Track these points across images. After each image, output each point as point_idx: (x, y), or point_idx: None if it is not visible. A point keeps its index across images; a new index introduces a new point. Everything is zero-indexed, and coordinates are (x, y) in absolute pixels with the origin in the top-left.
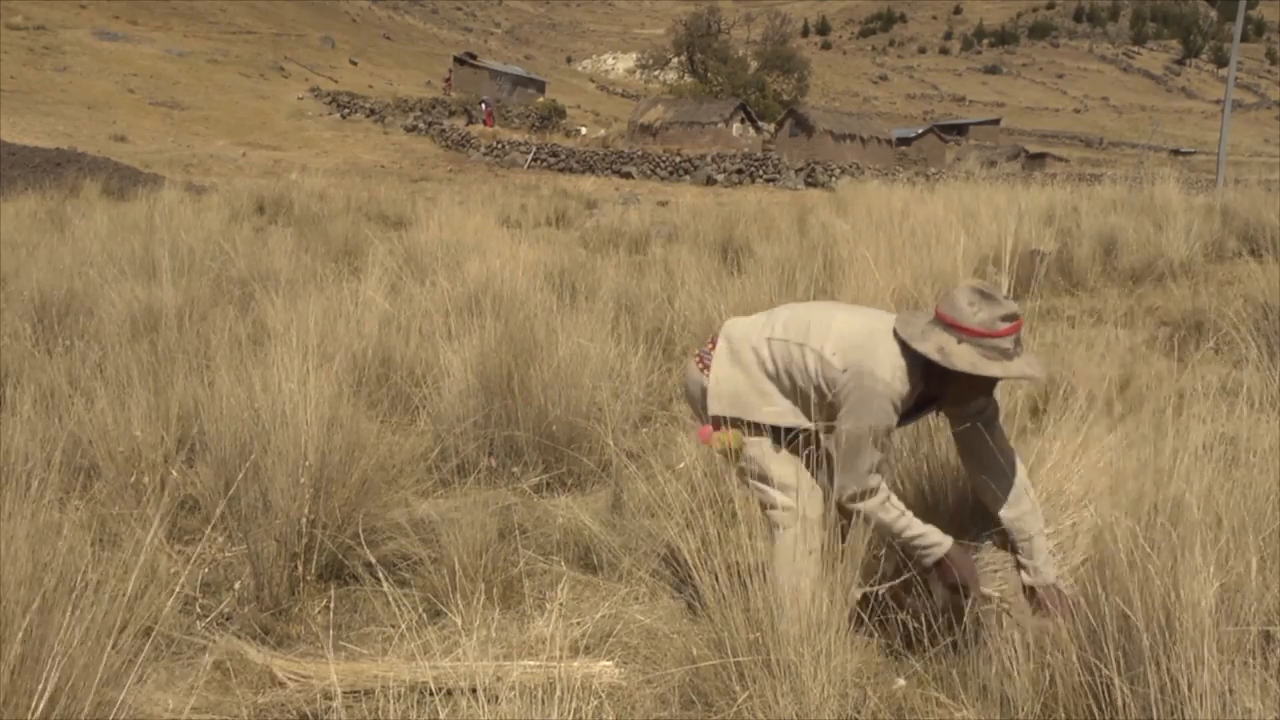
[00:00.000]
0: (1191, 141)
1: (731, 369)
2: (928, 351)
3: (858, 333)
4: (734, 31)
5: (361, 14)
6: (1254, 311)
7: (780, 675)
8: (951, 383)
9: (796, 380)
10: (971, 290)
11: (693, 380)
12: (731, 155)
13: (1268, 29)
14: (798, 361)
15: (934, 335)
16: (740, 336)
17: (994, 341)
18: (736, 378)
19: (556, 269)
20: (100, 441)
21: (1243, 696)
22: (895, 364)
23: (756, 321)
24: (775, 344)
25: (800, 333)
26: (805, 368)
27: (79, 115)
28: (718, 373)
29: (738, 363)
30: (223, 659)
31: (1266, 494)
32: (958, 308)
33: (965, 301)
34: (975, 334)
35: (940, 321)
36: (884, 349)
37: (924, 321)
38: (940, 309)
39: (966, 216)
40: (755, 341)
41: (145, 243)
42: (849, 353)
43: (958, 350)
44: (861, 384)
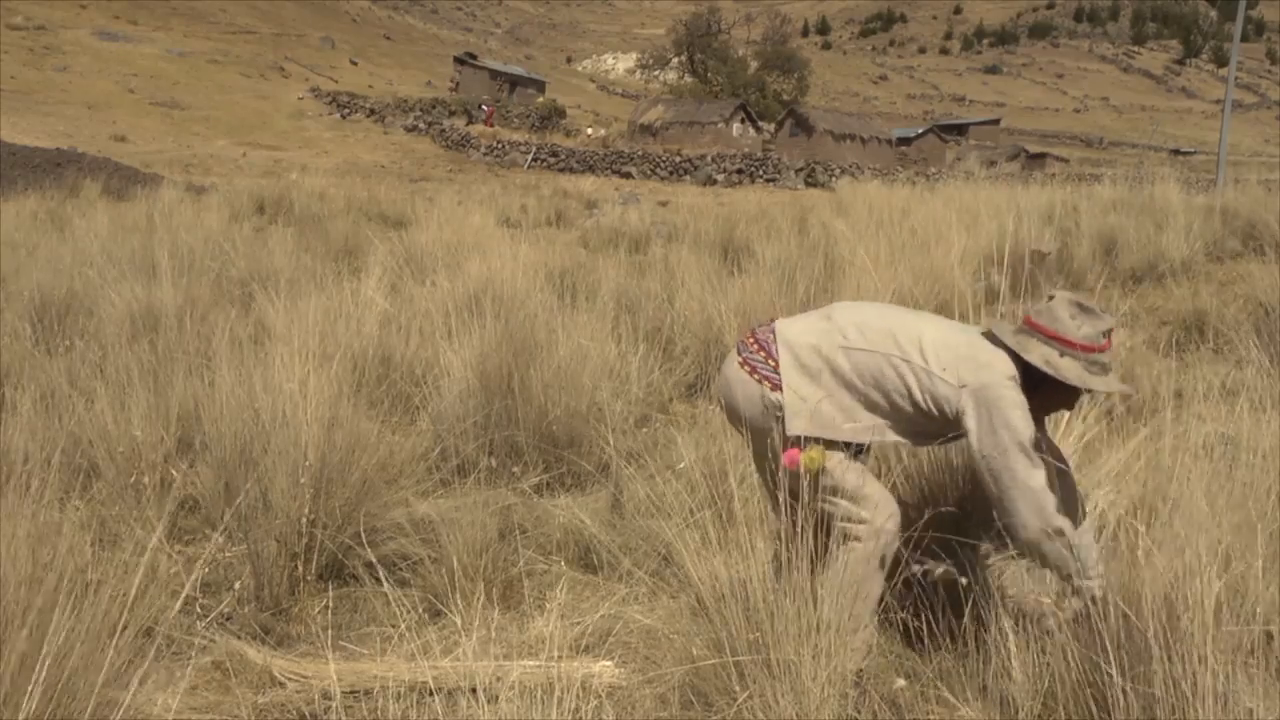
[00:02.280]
0: (1191, 141)
1: (807, 385)
2: (1035, 361)
3: (959, 344)
4: (734, 31)
5: (362, 14)
6: (1254, 311)
7: (780, 675)
8: (1041, 394)
9: (891, 395)
10: (1071, 303)
11: (741, 389)
12: (731, 155)
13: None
14: (891, 377)
15: (1033, 346)
16: (807, 346)
17: (1096, 356)
18: (814, 394)
19: (557, 269)
20: (100, 441)
21: (1244, 696)
22: (1011, 372)
23: (816, 327)
24: (856, 355)
25: (886, 344)
26: (903, 383)
27: (79, 115)
28: (794, 390)
29: (811, 376)
30: (222, 659)
31: (1267, 493)
32: (1060, 320)
33: (1067, 314)
34: (1079, 348)
35: (1037, 333)
36: (995, 359)
37: (1013, 331)
38: (1037, 320)
39: (966, 216)
40: (827, 351)
41: (145, 243)
42: (960, 367)
43: (1062, 363)
44: (996, 396)
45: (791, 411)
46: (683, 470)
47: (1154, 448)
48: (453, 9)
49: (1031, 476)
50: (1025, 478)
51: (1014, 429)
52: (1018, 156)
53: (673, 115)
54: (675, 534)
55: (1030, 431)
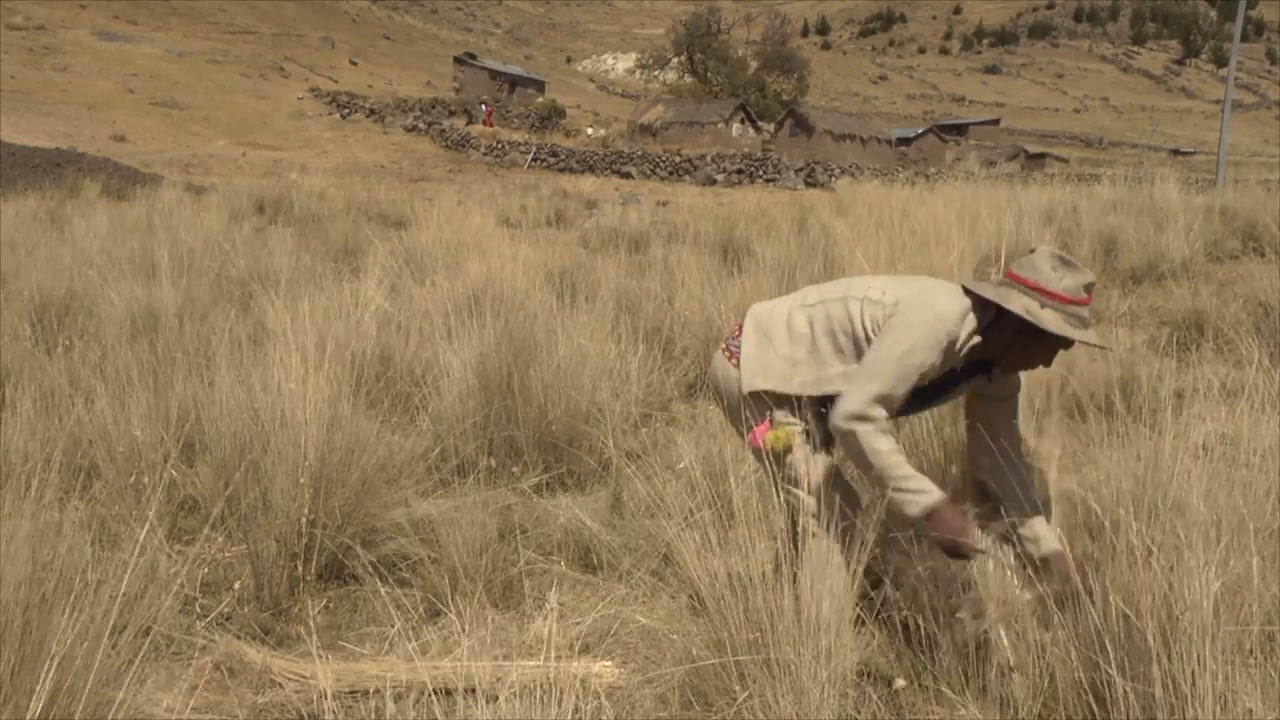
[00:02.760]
0: (1191, 141)
1: (761, 344)
2: (1015, 309)
3: (908, 280)
4: (734, 31)
5: (361, 14)
6: (1254, 311)
7: (780, 675)
8: (1019, 345)
9: (838, 338)
10: (1053, 255)
11: (722, 373)
12: (731, 155)
13: (1267, 29)
14: (839, 317)
15: (1014, 297)
16: (766, 312)
17: (1076, 309)
18: (767, 352)
19: (556, 269)
20: (100, 441)
21: (1244, 696)
22: (957, 305)
23: (781, 300)
24: (811, 309)
25: (839, 290)
26: (849, 318)
27: (79, 115)
28: (748, 351)
29: (767, 336)
30: (222, 659)
31: (1267, 493)
32: (1041, 271)
33: (1048, 266)
34: (1060, 299)
35: (1018, 284)
36: (943, 290)
37: (994, 284)
38: (1018, 272)
39: (967, 216)
40: (785, 312)
41: (145, 243)
42: (900, 290)
43: (1043, 313)
44: (913, 307)
45: (748, 373)
46: (682, 470)
47: (1153, 447)
48: (452, 9)
49: (873, 378)
50: (868, 374)
51: (905, 341)
52: (1017, 156)
53: (672, 115)
54: (675, 534)
55: (923, 357)
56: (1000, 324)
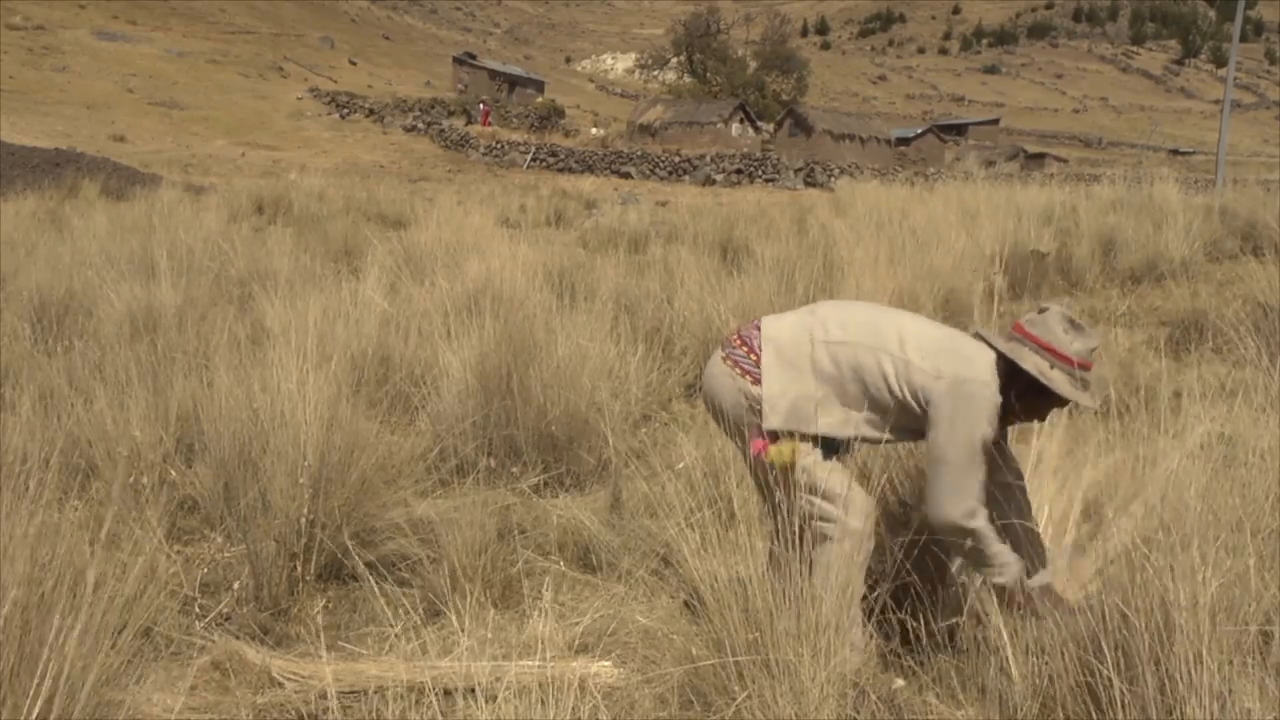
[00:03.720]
0: (1190, 141)
1: (787, 379)
2: (1029, 369)
3: (940, 337)
4: (733, 31)
5: (361, 14)
6: (1253, 311)
7: (779, 675)
8: (1024, 401)
9: (867, 388)
10: (1064, 318)
11: (723, 384)
12: (730, 155)
13: (1267, 29)
14: (870, 367)
15: (1027, 355)
16: (789, 342)
17: (1080, 373)
18: (792, 388)
19: (556, 269)
20: (99, 442)
21: (1241, 696)
22: (991, 367)
23: (800, 323)
24: (836, 348)
25: (868, 335)
26: (882, 373)
27: (78, 115)
28: (772, 384)
29: (791, 370)
30: (221, 659)
31: (1265, 493)
32: (1054, 333)
33: (1061, 329)
34: (1069, 362)
35: (1029, 342)
36: (978, 356)
37: (1005, 338)
38: (1030, 330)
39: (966, 216)
40: (809, 346)
41: (144, 243)
42: (939, 358)
43: (1054, 374)
44: (967, 391)
45: (769, 406)
46: (682, 470)
47: (1152, 447)
48: (452, 9)
49: (967, 474)
50: (960, 472)
51: (974, 427)
52: (1017, 156)
53: (672, 115)
54: (675, 533)
55: (988, 434)
56: (1010, 378)
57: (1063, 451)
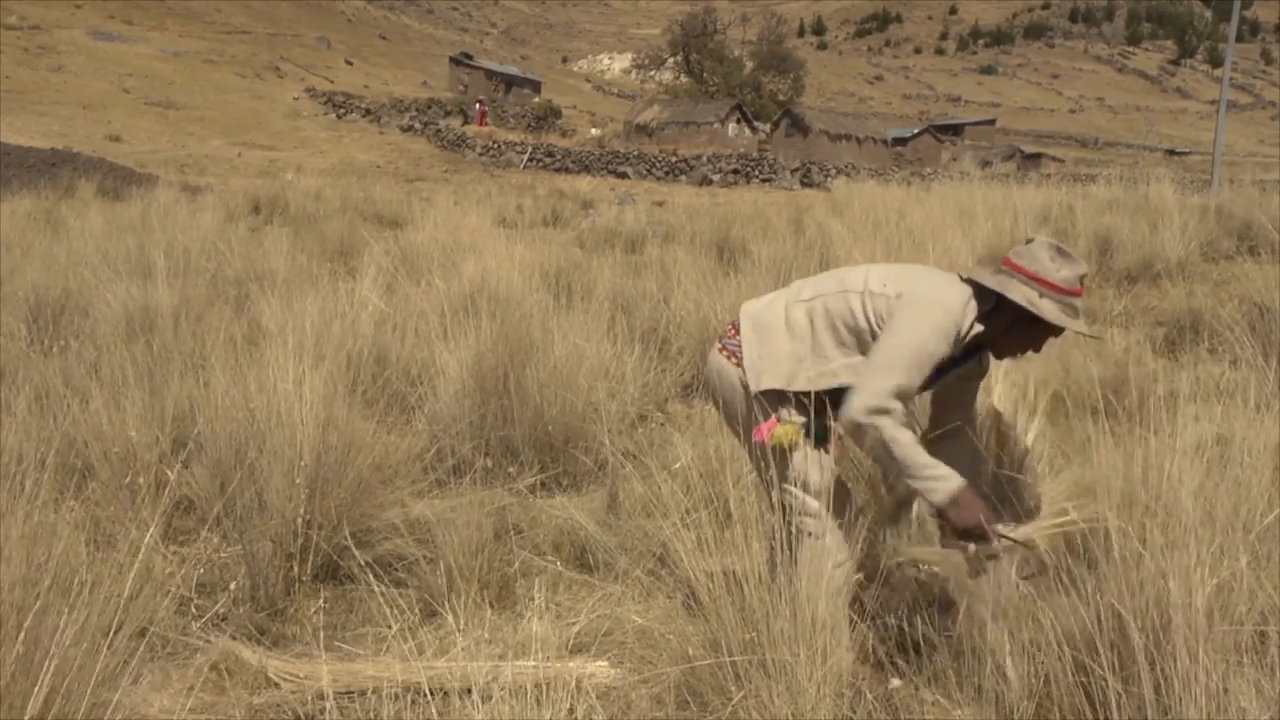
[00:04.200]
0: (1186, 142)
1: (763, 343)
2: (1017, 299)
3: (906, 270)
4: (730, 31)
5: (357, 14)
6: (1249, 311)
7: (776, 675)
8: (1016, 332)
9: (839, 332)
10: (1050, 246)
11: (721, 373)
12: (727, 155)
13: (1263, 29)
14: (839, 310)
15: (1015, 286)
16: (763, 308)
17: (1071, 299)
18: (769, 349)
19: (552, 269)
20: (95, 442)
21: (1237, 696)
22: (960, 293)
23: (776, 295)
24: (809, 303)
25: (835, 284)
26: (850, 312)
27: (74, 115)
28: (750, 350)
29: (767, 334)
30: (218, 660)
31: (1260, 493)
32: (1040, 261)
33: (1047, 257)
34: (1058, 289)
35: (1017, 273)
36: (942, 279)
37: (992, 272)
38: (1017, 261)
39: (962, 216)
40: (782, 308)
41: (140, 243)
42: (901, 281)
43: (1042, 303)
44: (920, 299)
45: (753, 373)
46: (679, 470)
47: (1147, 447)
48: (448, 9)
49: (897, 370)
50: (885, 366)
51: (921, 331)
52: (1013, 157)
53: (668, 115)
54: (671, 534)
55: (934, 348)
56: (998, 311)
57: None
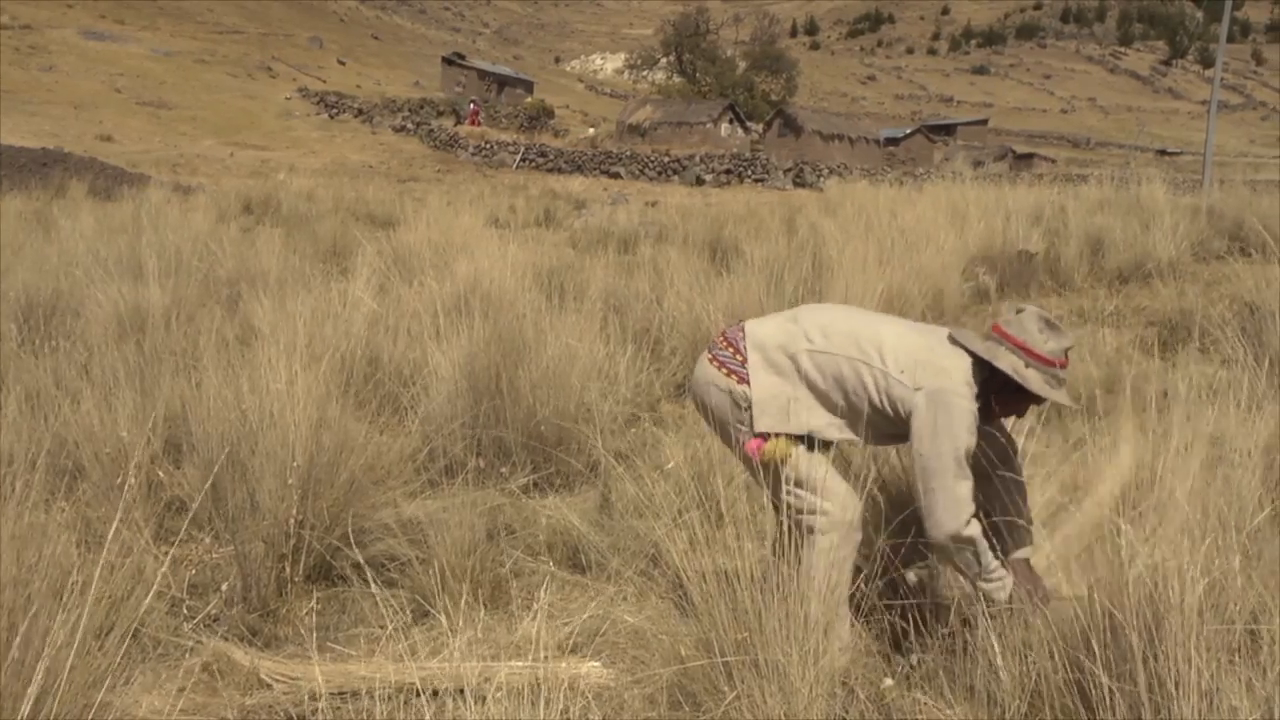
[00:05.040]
0: (1178, 142)
1: (775, 383)
2: (1005, 369)
3: (918, 348)
4: (722, 32)
5: (349, 14)
6: (1240, 311)
7: (768, 675)
8: (1000, 399)
9: (849, 395)
10: (1040, 318)
11: (711, 384)
12: (720, 155)
13: (1253, 30)
14: (850, 378)
15: (1003, 355)
16: (774, 346)
17: (1055, 371)
18: (781, 392)
19: (545, 269)
20: (86, 443)
21: (1229, 695)
22: (968, 379)
23: (783, 328)
24: (819, 357)
25: (848, 346)
26: (863, 384)
27: (65, 115)
28: (761, 388)
29: (778, 375)
30: (209, 661)
31: (1252, 493)
32: (1029, 333)
33: (1036, 328)
34: (1044, 361)
35: (1005, 341)
36: (953, 365)
37: (982, 338)
38: (1006, 330)
39: (955, 217)
40: (792, 352)
41: (132, 243)
42: (917, 371)
43: (1029, 373)
44: (945, 403)
45: (759, 409)
46: (671, 470)
47: (1140, 447)
48: (441, 9)
49: (958, 485)
50: (952, 485)
51: (955, 437)
52: (1005, 157)
53: (661, 115)
54: (663, 534)
55: (969, 442)
56: (987, 378)
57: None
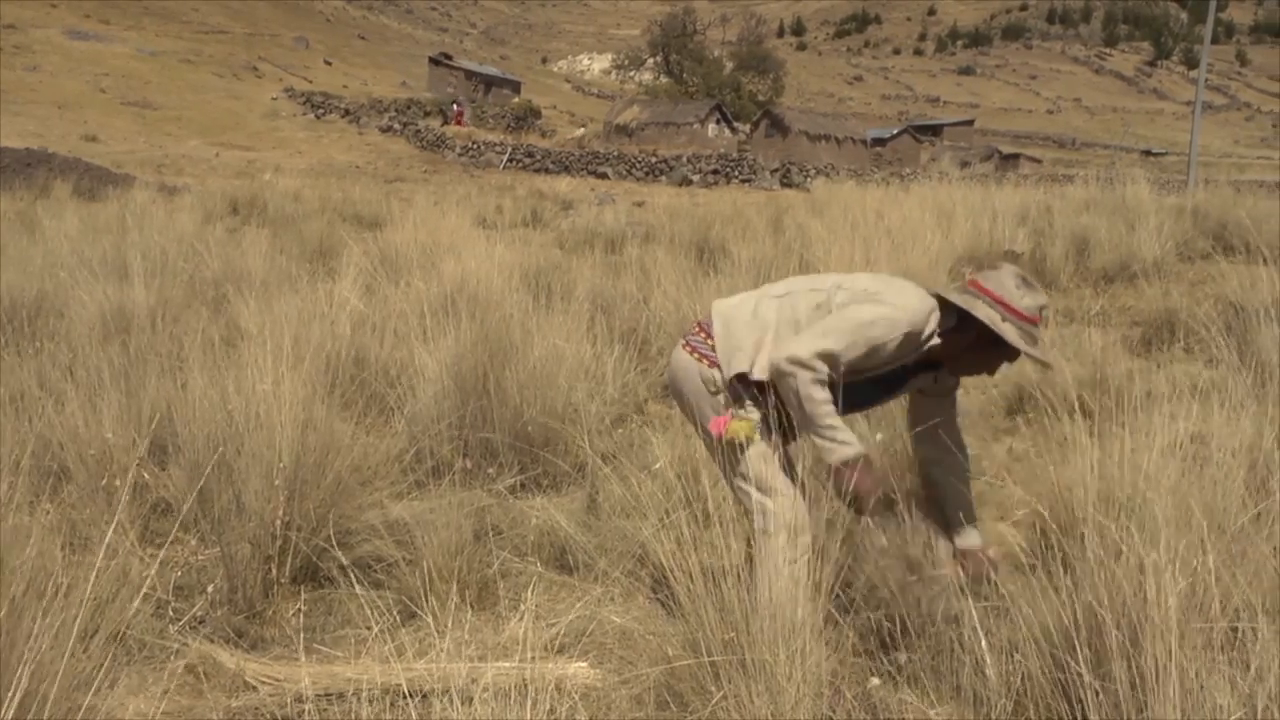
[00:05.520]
0: (1163, 142)
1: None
2: (981, 317)
3: (876, 278)
4: (709, 32)
5: (336, 14)
6: (1224, 311)
7: (755, 675)
8: (975, 352)
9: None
10: (1016, 274)
11: (685, 370)
12: (707, 156)
13: (1237, 31)
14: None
15: (980, 306)
16: (735, 305)
17: (1030, 327)
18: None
19: (532, 270)
20: (71, 444)
21: (1211, 693)
22: (925, 302)
23: (747, 295)
24: (779, 300)
25: (808, 284)
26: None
27: (50, 115)
28: (722, 342)
29: (738, 325)
30: (195, 663)
31: (1235, 492)
32: (1006, 287)
33: (1013, 284)
34: (1020, 316)
35: (983, 295)
36: (912, 287)
37: (959, 290)
38: (984, 284)
39: (941, 217)
40: (753, 305)
41: (117, 244)
42: (874, 282)
43: (1005, 326)
44: (884, 297)
45: (725, 359)
46: (658, 471)
47: (1125, 446)
48: (428, 9)
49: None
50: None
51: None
52: (991, 157)
53: (648, 116)
54: (650, 535)
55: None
56: (960, 330)
57: (1037, 450)
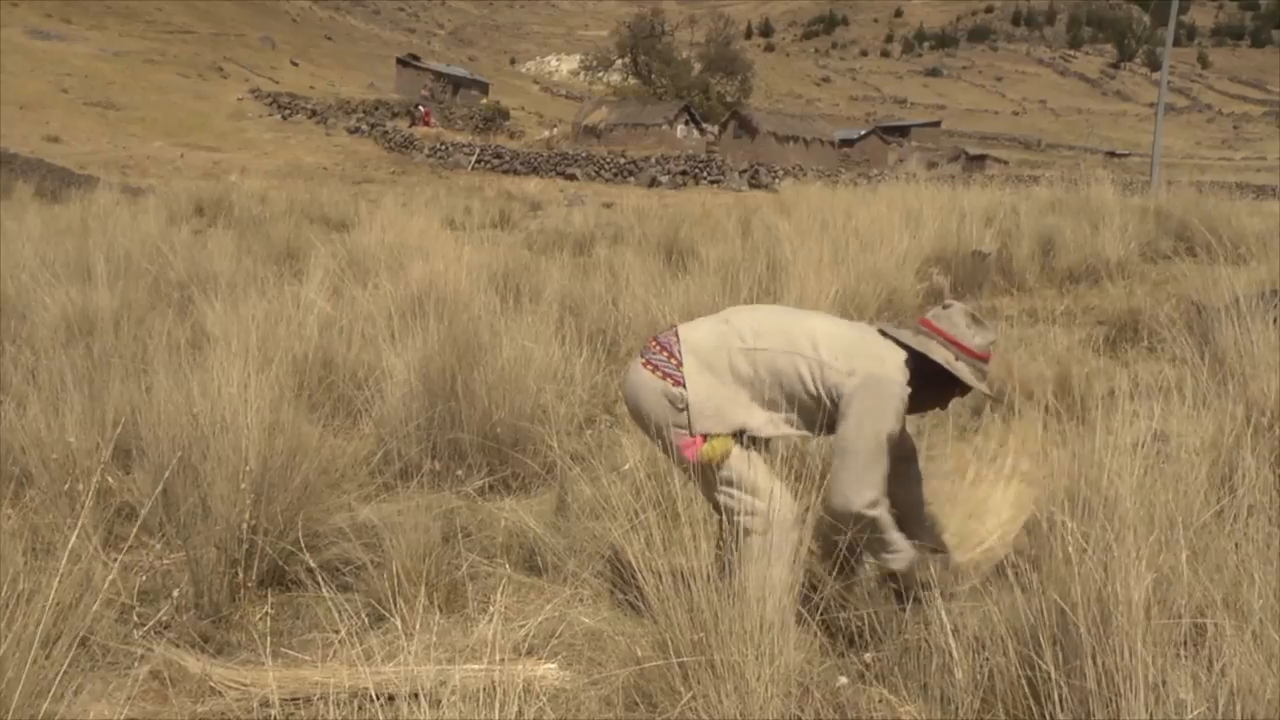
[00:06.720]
0: (1126, 144)
1: (711, 384)
2: (939, 360)
3: (849, 338)
4: (678, 33)
5: (302, 14)
6: (1186, 310)
7: (724, 675)
8: (929, 390)
9: (785, 389)
10: (966, 313)
11: (645, 387)
12: (676, 157)
13: (1199, 34)
14: (787, 370)
15: (935, 348)
16: (709, 349)
17: (981, 364)
18: (717, 393)
19: (500, 271)
20: (33, 448)
21: (1175, 688)
22: (900, 367)
23: (716, 330)
24: (754, 354)
25: (781, 341)
26: (799, 375)
27: (11, 116)
28: (698, 390)
29: (714, 376)
30: (160, 668)
31: (1198, 489)
32: (958, 328)
33: (964, 323)
34: (971, 354)
35: (936, 336)
36: (887, 352)
37: (912, 332)
38: (936, 324)
39: (909, 218)
40: (727, 352)
41: (80, 245)
42: (853, 358)
43: (959, 365)
44: (879, 388)
45: (697, 411)
46: (627, 472)
47: (1088, 445)
48: (395, 10)
49: (872, 466)
50: (865, 464)
51: (882, 421)
52: (958, 158)
53: (617, 117)
54: (620, 536)
55: (895, 428)
56: (916, 368)
57: (1002, 449)
